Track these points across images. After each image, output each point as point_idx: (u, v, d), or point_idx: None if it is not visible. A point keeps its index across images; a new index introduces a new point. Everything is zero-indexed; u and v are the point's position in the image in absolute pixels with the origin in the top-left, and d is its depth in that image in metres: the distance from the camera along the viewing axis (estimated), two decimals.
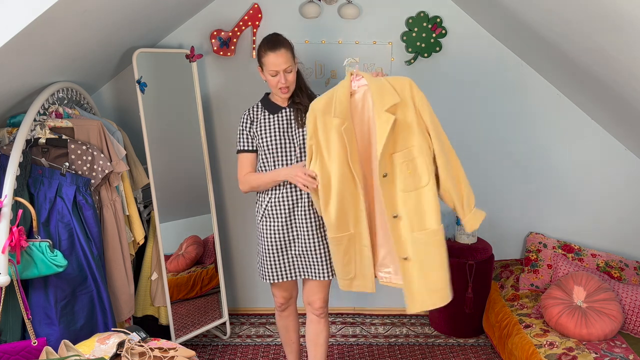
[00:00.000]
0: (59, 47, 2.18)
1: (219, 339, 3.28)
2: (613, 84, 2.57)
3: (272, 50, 2.29)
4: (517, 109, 3.32)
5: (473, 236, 3.25)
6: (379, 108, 2.10)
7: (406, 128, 2.14)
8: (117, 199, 2.53)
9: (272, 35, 2.36)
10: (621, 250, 3.41)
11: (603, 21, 2.05)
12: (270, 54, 2.29)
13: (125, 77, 3.22)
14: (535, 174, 3.41)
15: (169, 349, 2.02)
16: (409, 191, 2.15)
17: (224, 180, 3.38)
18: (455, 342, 3.24)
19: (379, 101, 2.11)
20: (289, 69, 2.30)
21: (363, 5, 3.16)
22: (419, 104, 2.15)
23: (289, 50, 2.32)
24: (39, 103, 2.30)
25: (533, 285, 3.17)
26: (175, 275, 3.01)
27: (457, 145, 3.34)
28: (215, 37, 3.13)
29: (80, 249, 2.29)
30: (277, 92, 2.36)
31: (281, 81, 2.30)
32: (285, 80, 2.30)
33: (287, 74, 2.31)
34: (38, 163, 2.31)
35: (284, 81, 2.30)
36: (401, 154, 2.15)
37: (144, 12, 2.54)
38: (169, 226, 2.96)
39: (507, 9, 2.68)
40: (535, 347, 2.59)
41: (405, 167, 2.14)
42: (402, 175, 2.14)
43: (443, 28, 3.16)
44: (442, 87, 3.28)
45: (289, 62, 2.30)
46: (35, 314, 2.17)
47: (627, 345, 2.57)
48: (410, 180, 2.15)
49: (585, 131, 3.32)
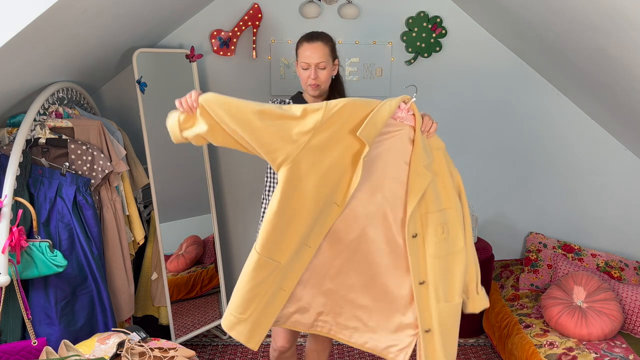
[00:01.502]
0: (59, 47, 2.18)
1: (219, 339, 3.28)
2: (613, 84, 2.57)
3: (308, 41, 2.12)
4: (517, 109, 3.32)
5: (473, 236, 3.24)
6: (419, 161, 1.81)
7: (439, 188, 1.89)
8: (117, 199, 2.53)
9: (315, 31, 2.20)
10: (621, 250, 3.41)
11: (603, 21, 2.05)
12: (305, 44, 2.12)
13: (125, 77, 3.22)
14: (535, 174, 3.41)
15: (169, 349, 2.02)
16: (440, 257, 1.88)
17: (224, 180, 3.37)
18: None
19: (420, 153, 1.82)
20: (322, 65, 2.10)
21: (363, 5, 3.16)
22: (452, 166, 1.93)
23: (327, 46, 2.13)
24: (39, 103, 2.29)
25: (533, 285, 3.17)
26: (175, 275, 3.01)
27: (456, 145, 3.36)
28: (215, 37, 3.13)
29: (80, 249, 2.29)
30: (306, 89, 2.17)
31: (311, 76, 2.10)
32: (315, 75, 2.10)
33: (320, 70, 2.11)
34: (38, 163, 2.31)
35: (314, 76, 2.10)
36: (438, 215, 1.87)
37: (144, 12, 2.54)
38: (169, 226, 2.96)
39: (507, 9, 2.68)
40: (535, 347, 2.59)
41: (441, 229, 1.87)
42: (436, 238, 1.86)
43: (443, 28, 3.16)
44: (442, 87, 3.28)
45: (323, 58, 2.10)
46: (35, 314, 2.17)
47: (627, 345, 2.56)
48: (444, 245, 1.88)
49: (585, 131, 3.32)
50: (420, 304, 1.88)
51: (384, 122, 1.74)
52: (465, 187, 1.95)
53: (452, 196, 1.90)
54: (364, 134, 1.70)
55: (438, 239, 1.86)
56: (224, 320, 1.86)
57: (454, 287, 1.92)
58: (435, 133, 1.91)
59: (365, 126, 1.71)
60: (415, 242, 1.85)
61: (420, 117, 1.84)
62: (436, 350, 1.92)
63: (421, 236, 1.86)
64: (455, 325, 1.96)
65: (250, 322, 1.82)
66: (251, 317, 1.81)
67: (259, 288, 1.79)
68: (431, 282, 1.88)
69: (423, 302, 1.89)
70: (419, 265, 1.87)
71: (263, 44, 3.19)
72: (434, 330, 1.90)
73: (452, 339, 1.96)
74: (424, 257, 1.87)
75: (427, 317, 1.89)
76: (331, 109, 1.73)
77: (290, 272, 1.82)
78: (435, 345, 1.92)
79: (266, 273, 1.78)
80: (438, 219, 1.87)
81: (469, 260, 1.95)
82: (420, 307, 1.88)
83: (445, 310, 1.90)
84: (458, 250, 1.90)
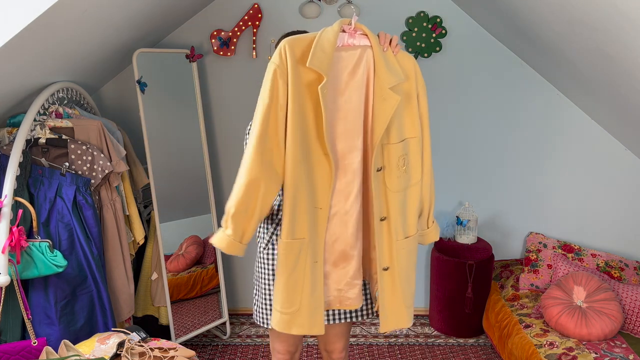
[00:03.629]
0: (59, 47, 2.18)
1: (219, 339, 3.28)
2: (613, 84, 2.57)
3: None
4: (516, 109, 3.32)
5: (473, 236, 3.25)
6: (383, 83, 1.69)
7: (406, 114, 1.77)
8: (117, 199, 2.53)
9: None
10: (621, 250, 3.41)
11: (603, 21, 2.05)
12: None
13: (125, 77, 3.22)
14: (535, 174, 3.41)
15: (169, 349, 2.01)
16: (398, 191, 1.80)
17: (224, 180, 3.38)
18: (455, 342, 3.24)
19: (384, 73, 1.69)
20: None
21: (363, 5, 3.16)
22: (421, 89, 1.81)
23: None
24: (39, 103, 2.29)
25: (533, 285, 3.17)
26: (175, 275, 3.01)
27: (456, 145, 3.37)
28: (215, 37, 3.13)
29: (80, 249, 2.29)
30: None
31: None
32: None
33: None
34: (38, 163, 2.31)
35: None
36: (399, 145, 1.77)
37: (144, 12, 2.54)
38: (169, 226, 2.96)
39: (507, 9, 2.68)
40: (535, 347, 2.59)
41: (402, 162, 1.78)
42: (397, 171, 1.78)
43: (443, 28, 3.16)
44: (442, 87, 3.28)
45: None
46: (35, 314, 2.17)
47: (627, 345, 2.57)
48: (403, 178, 1.80)
49: (585, 131, 3.32)
50: (379, 241, 1.80)
51: (331, 45, 1.64)
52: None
53: (416, 124, 1.80)
54: (315, 62, 1.60)
55: (399, 171, 1.78)
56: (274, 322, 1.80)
57: (410, 221, 1.85)
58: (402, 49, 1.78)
59: (312, 55, 1.60)
60: (379, 176, 1.76)
61: (374, 34, 1.72)
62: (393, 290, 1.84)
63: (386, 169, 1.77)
64: (412, 262, 1.89)
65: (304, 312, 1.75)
66: (303, 304, 1.75)
67: (295, 274, 1.74)
68: (392, 218, 1.79)
69: (383, 239, 1.81)
70: (381, 200, 1.78)
71: (263, 44, 3.19)
72: (393, 268, 1.82)
73: (410, 276, 1.89)
74: (385, 192, 1.78)
75: (387, 254, 1.82)
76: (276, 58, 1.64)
77: (316, 243, 1.76)
78: (392, 284, 1.84)
79: (296, 254, 1.73)
80: (400, 150, 1.77)
81: (424, 192, 1.88)
82: (379, 245, 1.80)
83: (404, 246, 1.83)
84: (415, 182, 1.83)
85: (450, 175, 3.40)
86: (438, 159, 3.37)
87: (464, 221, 3.22)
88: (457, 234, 3.27)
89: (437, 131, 3.34)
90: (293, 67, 1.63)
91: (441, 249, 3.26)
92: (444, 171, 3.38)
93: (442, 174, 3.38)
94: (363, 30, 1.70)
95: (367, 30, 1.70)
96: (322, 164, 1.72)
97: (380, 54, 1.69)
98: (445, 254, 3.22)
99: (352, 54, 1.70)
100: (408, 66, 1.76)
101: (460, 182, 3.41)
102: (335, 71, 1.70)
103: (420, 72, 1.80)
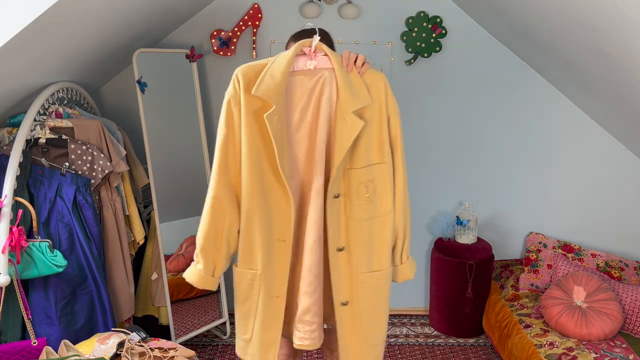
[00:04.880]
0: (59, 47, 2.18)
1: (219, 339, 3.28)
2: (613, 84, 2.57)
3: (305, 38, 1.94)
4: (516, 109, 3.32)
5: (473, 236, 3.25)
6: (345, 107, 1.61)
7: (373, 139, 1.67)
8: (117, 199, 2.53)
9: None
10: (621, 250, 3.41)
11: (603, 21, 2.05)
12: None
13: (125, 77, 3.22)
14: (535, 174, 3.41)
15: (169, 349, 2.01)
16: (362, 220, 1.68)
17: None
18: (455, 342, 3.24)
19: (346, 97, 1.61)
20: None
21: (363, 5, 3.16)
22: (391, 111, 1.69)
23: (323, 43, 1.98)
24: (39, 103, 2.29)
25: (533, 285, 3.17)
26: (175, 275, 3.01)
27: (456, 145, 3.37)
28: (215, 37, 3.13)
29: (80, 249, 2.29)
30: None
31: None
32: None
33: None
34: (38, 163, 2.31)
35: None
36: (363, 171, 1.66)
37: (144, 12, 2.54)
38: (169, 226, 2.96)
39: (507, 9, 2.68)
40: (535, 347, 2.59)
41: (364, 189, 1.67)
42: (358, 198, 1.67)
43: (443, 28, 3.16)
44: (442, 87, 3.28)
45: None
46: (35, 314, 2.17)
47: (627, 345, 2.57)
48: (367, 207, 1.68)
49: (585, 131, 3.32)
50: (335, 273, 1.69)
51: (282, 71, 1.57)
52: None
53: (385, 149, 1.69)
54: (261, 90, 1.56)
55: (360, 199, 1.67)
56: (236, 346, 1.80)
57: (378, 254, 1.72)
58: (372, 68, 1.67)
59: (259, 83, 1.56)
60: (336, 202, 1.66)
61: (337, 55, 1.63)
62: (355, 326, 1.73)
63: (345, 196, 1.67)
64: (382, 298, 1.76)
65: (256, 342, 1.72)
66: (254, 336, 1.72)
67: (247, 303, 1.72)
68: (353, 248, 1.69)
69: (338, 270, 1.69)
70: (339, 229, 1.68)
71: (263, 44, 3.19)
72: (353, 303, 1.71)
73: (378, 314, 1.77)
74: (345, 220, 1.68)
75: (345, 288, 1.71)
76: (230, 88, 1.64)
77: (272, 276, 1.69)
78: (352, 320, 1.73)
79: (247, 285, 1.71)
80: (364, 175, 1.67)
81: (397, 223, 1.75)
82: (336, 277, 1.69)
83: (367, 280, 1.71)
84: (385, 212, 1.71)
85: (450, 175, 3.40)
86: (438, 158, 3.38)
87: (464, 221, 3.22)
88: (457, 234, 3.27)
89: (437, 131, 3.34)
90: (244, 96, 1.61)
91: (441, 249, 3.26)
92: (444, 171, 3.38)
93: (442, 174, 3.38)
94: (324, 51, 1.64)
95: (328, 50, 1.63)
96: (277, 194, 1.66)
97: (343, 75, 1.62)
98: (445, 254, 3.22)
99: (310, 78, 1.64)
100: (377, 87, 1.66)
101: (460, 182, 3.41)
102: (291, 96, 1.64)
103: (392, 92, 1.70)
